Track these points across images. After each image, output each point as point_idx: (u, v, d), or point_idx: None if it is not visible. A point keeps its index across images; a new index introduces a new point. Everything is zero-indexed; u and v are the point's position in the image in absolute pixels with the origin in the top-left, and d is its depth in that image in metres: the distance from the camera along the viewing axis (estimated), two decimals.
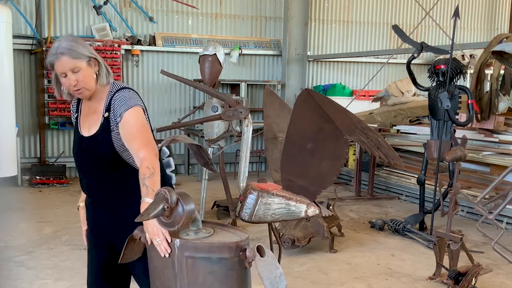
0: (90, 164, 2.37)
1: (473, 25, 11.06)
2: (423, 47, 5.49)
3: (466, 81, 8.52)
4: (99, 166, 2.34)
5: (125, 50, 8.30)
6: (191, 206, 1.99)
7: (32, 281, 4.08)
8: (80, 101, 2.48)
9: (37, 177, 7.65)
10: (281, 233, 4.72)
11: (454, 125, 5.40)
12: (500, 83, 6.40)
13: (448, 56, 5.35)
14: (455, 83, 5.42)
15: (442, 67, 5.32)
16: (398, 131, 7.89)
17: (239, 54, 8.73)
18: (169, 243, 2.06)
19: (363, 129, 2.48)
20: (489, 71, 7.34)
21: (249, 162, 2.83)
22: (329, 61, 9.82)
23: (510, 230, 5.67)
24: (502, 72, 6.46)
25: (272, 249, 2.71)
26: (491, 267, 4.52)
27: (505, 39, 6.04)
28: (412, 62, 5.64)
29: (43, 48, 7.75)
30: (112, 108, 2.30)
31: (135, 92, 2.38)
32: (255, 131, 7.56)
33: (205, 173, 5.55)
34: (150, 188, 2.09)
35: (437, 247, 4.18)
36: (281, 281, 2.05)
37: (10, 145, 6.98)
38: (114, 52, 8.02)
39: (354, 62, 9.98)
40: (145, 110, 2.37)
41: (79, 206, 2.57)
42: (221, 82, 8.05)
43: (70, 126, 8.05)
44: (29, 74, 8.01)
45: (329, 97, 5.20)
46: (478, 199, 3.63)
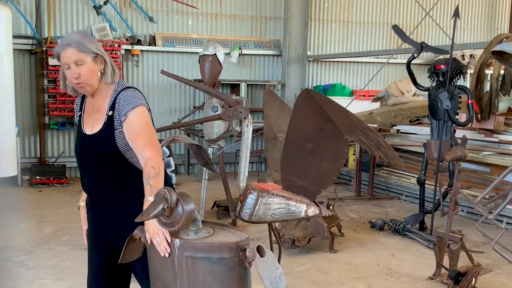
0: (92, 163, 2.37)
1: (473, 25, 11.06)
2: (423, 47, 5.49)
3: (466, 81, 8.52)
4: (101, 164, 2.34)
5: (125, 50, 8.30)
6: (191, 206, 1.99)
7: (32, 281, 4.08)
8: (84, 99, 2.48)
9: (37, 177, 7.65)
10: (281, 233, 4.72)
11: (454, 125, 5.40)
12: (500, 83, 6.40)
13: (448, 56, 5.35)
14: (455, 83, 5.42)
15: (442, 67, 5.32)
16: (398, 131, 7.89)
17: (239, 54, 8.73)
18: (169, 243, 2.06)
19: (363, 129, 2.48)
20: (489, 71, 7.34)
21: (249, 162, 2.83)
22: (329, 61, 9.81)
23: (510, 230, 5.67)
24: (502, 72, 6.46)
25: (272, 249, 2.71)
26: (491, 267, 4.51)
27: (505, 39, 6.04)
28: (412, 62, 5.64)
29: (43, 48, 7.75)
30: (116, 107, 2.30)
31: (140, 92, 2.39)
32: (255, 131, 7.56)
33: (205, 173, 5.55)
34: (154, 188, 2.10)
35: (437, 247, 4.18)
36: (281, 281, 2.05)
37: (10, 145, 6.98)
38: (114, 52, 8.01)
39: (354, 62, 9.98)
40: (150, 110, 2.38)
41: (79, 205, 2.57)
42: (221, 82, 8.05)
43: (70, 126, 8.06)
44: (29, 74, 8.00)
45: (329, 97, 5.20)
46: (478, 199, 3.63)
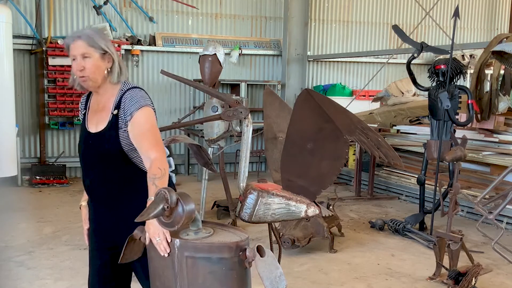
0: (95, 161, 2.36)
1: (473, 25, 11.06)
2: (423, 47, 5.49)
3: (466, 81, 8.52)
4: (104, 163, 2.34)
5: (125, 50, 8.30)
6: (191, 206, 1.99)
7: (32, 281, 4.08)
8: (89, 98, 2.49)
9: (37, 177, 7.65)
10: (281, 233, 4.72)
11: (454, 125, 5.40)
12: (500, 83, 6.40)
13: (448, 56, 5.35)
14: (455, 83, 5.42)
15: (442, 67, 5.32)
16: (398, 131, 7.89)
17: (239, 54, 8.73)
18: (169, 243, 2.06)
19: (363, 129, 2.48)
20: (489, 71, 7.34)
21: (249, 162, 2.83)
22: (329, 61, 9.81)
23: (510, 230, 5.66)
24: (502, 72, 6.46)
25: (272, 249, 2.71)
26: (491, 267, 4.51)
27: (505, 39, 6.04)
28: (412, 62, 5.64)
29: (43, 48, 7.75)
30: (122, 106, 2.31)
31: (145, 93, 2.39)
32: (255, 131, 7.56)
33: (205, 173, 5.55)
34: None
35: (437, 247, 4.18)
36: (281, 281, 2.05)
37: (10, 145, 6.97)
38: None
39: (354, 62, 9.98)
40: (155, 111, 2.39)
41: (81, 205, 2.56)
42: (221, 82, 8.05)
43: (70, 126, 8.06)
44: (29, 74, 8.00)
45: (329, 97, 5.20)
46: (478, 199, 3.63)
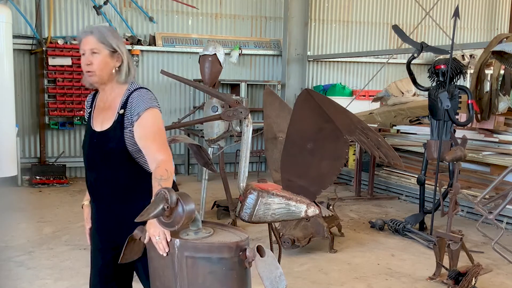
0: (99, 160, 2.36)
1: (473, 25, 11.06)
2: (423, 47, 5.49)
3: (466, 81, 8.52)
4: (108, 162, 2.34)
5: None
6: (191, 206, 1.99)
7: (32, 281, 4.08)
8: (95, 96, 2.49)
9: (37, 177, 7.65)
10: (281, 233, 4.72)
11: (454, 125, 5.40)
12: (500, 83, 6.40)
13: (448, 56, 5.35)
14: (455, 83, 5.42)
15: (442, 67, 5.32)
16: (398, 131, 7.89)
17: (239, 54, 8.73)
18: (168, 242, 2.06)
19: (363, 129, 2.49)
20: (489, 71, 7.34)
21: (249, 162, 2.83)
22: (329, 61, 9.81)
23: (510, 230, 5.66)
24: (502, 72, 6.46)
25: (272, 249, 2.71)
26: (491, 267, 4.51)
27: (505, 39, 6.04)
28: (412, 62, 5.64)
29: (43, 48, 7.75)
30: (129, 106, 2.31)
31: (152, 94, 2.39)
32: (255, 131, 7.55)
33: (205, 173, 5.55)
34: None
35: (437, 247, 4.17)
36: (281, 281, 2.05)
37: (10, 145, 6.98)
38: None
39: (354, 62, 9.98)
40: (161, 111, 2.39)
41: (83, 204, 2.56)
42: (221, 82, 8.05)
43: (70, 126, 8.06)
44: (29, 74, 8.00)
45: (329, 97, 5.20)
46: (478, 199, 3.63)
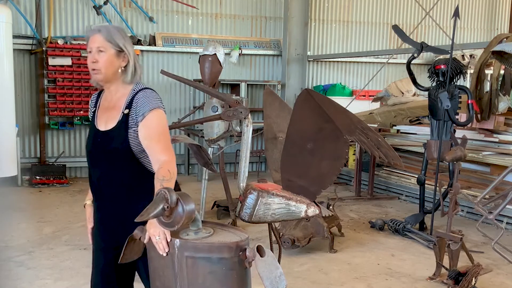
0: (103, 159, 2.36)
1: (473, 25, 11.06)
2: (423, 47, 5.49)
3: (466, 81, 8.52)
4: (111, 161, 2.34)
5: None
6: (191, 206, 1.99)
7: (32, 281, 4.08)
8: (100, 96, 2.50)
9: (37, 177, 7.65)
10: (281, 233, 4.72)
11: (454, 125, 5.40)
12: (500, 83, 6.40)
13: (448, 56, 5.35)
14: (455, 83, 5.42)
15: (442, 67, 5.32)
16: (398, 131, 7.89)
17: (239, 54, 8.73)
18: (168, 242, 2.06)
19: (363, 129, 2.49)
20: (489, 71, 7.34)
21: (249, 162, 2.83)
22: (329, 61, 9.81)
23: (510, 230, 5.66)
24: (502, 72, 6.46)
25: (272, 249, 2.72)
26: (491, 267, 4.51)
27: (505, 39, 6.04)
28: (412, 62, 5.64)
29: (43, 48, 7.75)
30: (134, 106, 2.31)
31: (157, 94, 2.40)
32: (255, 131, 7.56)
33: (205, 173, 5.55)
34: None
35: (437, 247, 4.17)
36: (281, 281, 2.05)
37: (10, 145, 6.97)
38: None
39: (354, 62, 9.98)
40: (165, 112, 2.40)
41: (85, 204, 2.55)
42: (221, 82, 8.05)
43: (70, 126, 8.06)
44: (29, 74, 8.00)
45: (329, 97, 5.20)
46: (478, 199, 3.63)
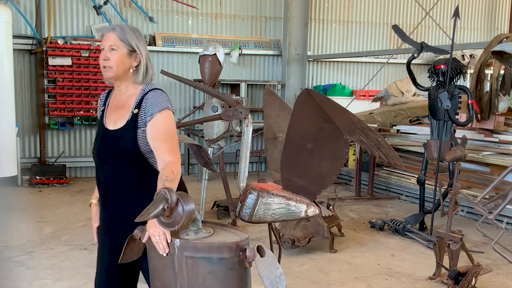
0: (111, 158, 2.37)
1: (473, 25, 11.06)
2: (423, 47, 5.49)
3: (466, 81, 8.51)
4: (120, 160, 2.35)
5: None
6: (191, 206, 1.99)
7: (32, 281, 4.08)
8: (109, 95, 2.51)
9: (37, 177, 7.65)
10: (281, 233, 4.72)
11: (454, 125, 5.40)
12: (500, 83, 6.39)
13: (448, 56, 5.35)
14: (455, 83, 5.42)
15: (442, 67, 5.32)
16: (398, 131, 7.89)
17: (239, 54, 8.73)
18: (169, 243, 2.06)
19: (363, 129, 2.49)
20: (489, 71, 7.34)
21: (249, 162, 2.83)
22: (329, 61, 9.81)
23: (510, 230, 5.67)
24: (502, 72, 6.46)
25: (272, 249, 2.71)
26: (491, 267, 4.51)
27: (505, 39, 6.04)
28: (412, 62, 5.64)
29: (43, 48, 7.75)
30: (143, 106, 2.33)
31: (167, 95, 2.41)
32: (255, 131, 7.55)
33: (205, 173, 5.55)
34: None
35: (437, 247, 4.17)
36: (281, 281, 2.05)
37: (10, 145, 6.97)
38: None
39: (354, 62, 9.98)
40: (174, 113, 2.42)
41: (91, 202, 2.55)
42: (221, 82, 8.05)
43: (70, 126, 8.06)
44: (29, 74, 8.00)
45: (329, 97, 5.20)
46: (478, 199, 3.63)
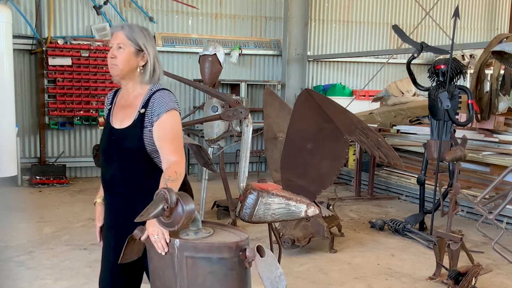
0: (117, 157, 2.38)
1: (473, 25, 11.06)
2: (423, 47, 5.49)
3: (466, 81, 8.52)
4: (126, 159, 2.35)
5: None
6: (191, 206, 1.99)
7: (32, 281, 4.08)
8: (116, 94, 2.51)
9: (37, 177, 7.65)
10: (281, 233, 4.72)
11: (454, 125, 5.40)
12: (500, 83, 6.40)
13: (448, 56, 5.35)
14: (455, 83, 5.42)
15: (442, 67, 5.32)
16: (398, 131, 7.89)
17: (239, 54, 8.73)
18: (168, 242, 2.07)
19: (363, 129, 2.49)
20: (489, 71, 7.34)
21: (249, 162, 2.83)
22: (329, 61, 9.81)
23: (510, 230, 5.67)
24: (502, 72, 6.46)
25: (272, 249, 2.72)
26: (491, 267, 4.51)
27: (505, 39, 6.04)
28: (412, 62, 5.64)
29: (43, 48, 7.75)
30: (150, 106, 2.33)
31: (174, 95, 2.41)
32: (255, 131, 7.56)
33: (205, 173, 5.55)
34: None
35: (437, 247, 4.18)
36: (281, 281, 2.05)
37: (10, 145, 6.97)
38: None
39: (354, 62, 9.98)
40: (180, 113, 2.41)
41: (96, 202, 2.56)
42: (221, 82, 8.05)
43: (70, 126, 8.06)
44: (29, 74, 8.00)
45: (329, 97, 5.20)
46: (478, 199, 3.63)
